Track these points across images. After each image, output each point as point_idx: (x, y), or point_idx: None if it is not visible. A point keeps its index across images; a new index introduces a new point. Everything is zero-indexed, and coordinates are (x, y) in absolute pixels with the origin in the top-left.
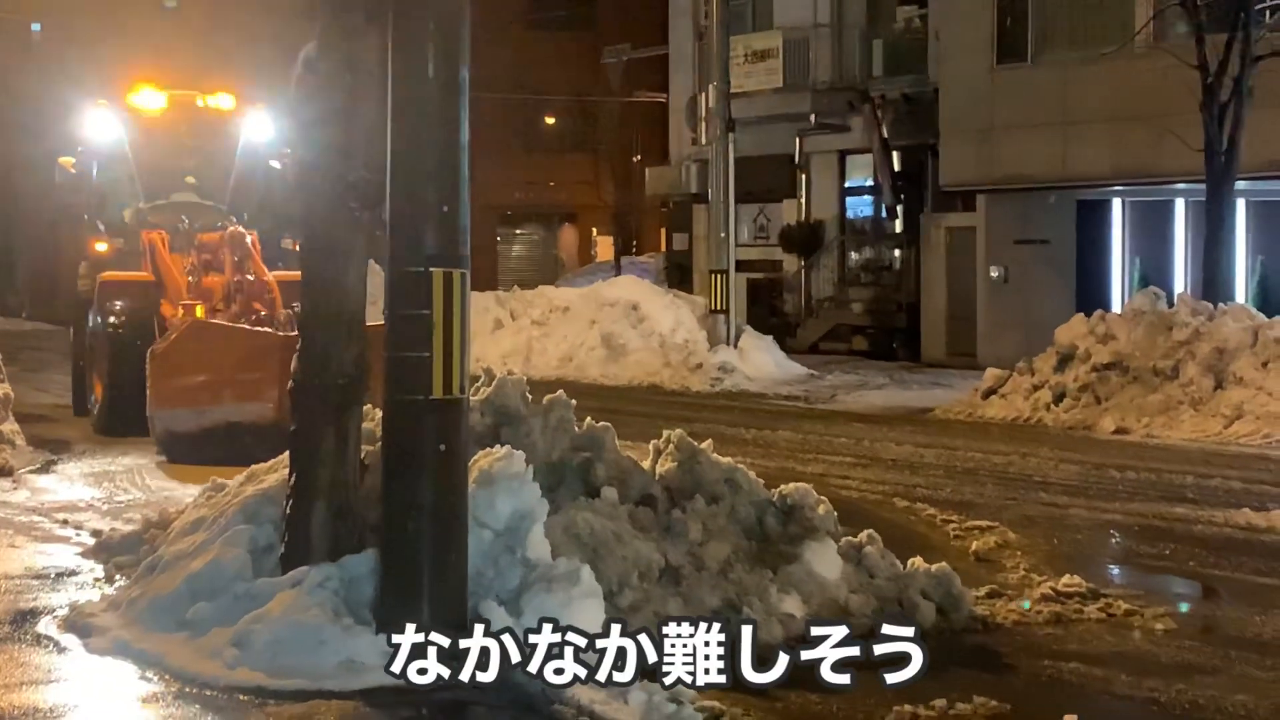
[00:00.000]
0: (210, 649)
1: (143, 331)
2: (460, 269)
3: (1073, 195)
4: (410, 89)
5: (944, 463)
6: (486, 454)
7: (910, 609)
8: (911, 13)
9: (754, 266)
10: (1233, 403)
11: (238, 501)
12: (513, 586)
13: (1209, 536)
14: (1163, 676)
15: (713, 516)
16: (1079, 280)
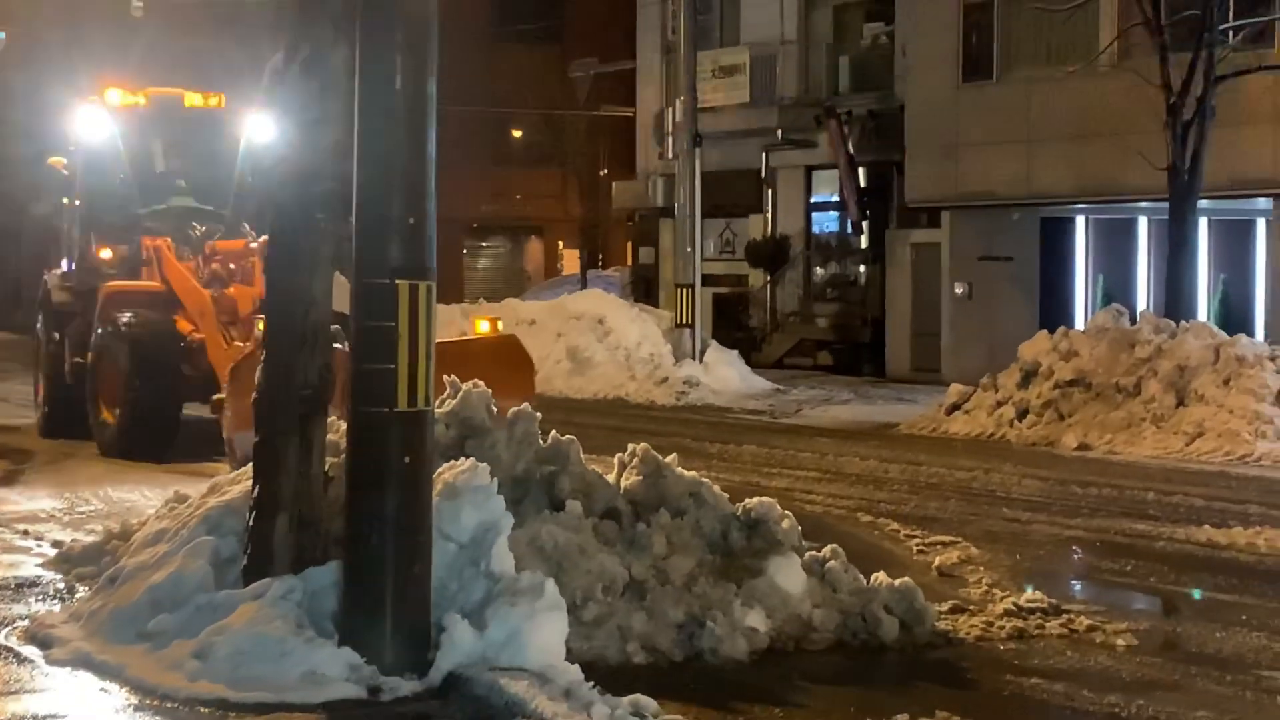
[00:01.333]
0: (172, 661)
1: (169, 346)
2: (426, 281)
3: (1037, 212)
4: (377, 101)
5: (908, 478)
6: (451, 466)
7: (873, 623)
8: (878, 29)
9: (720, 281)
10: (1194, 420)
11: (200, 513)
12: (477, 599)
13: (1170, 553)
14: (1124, 692)
15: (677, 530)
16: (1043, 297)
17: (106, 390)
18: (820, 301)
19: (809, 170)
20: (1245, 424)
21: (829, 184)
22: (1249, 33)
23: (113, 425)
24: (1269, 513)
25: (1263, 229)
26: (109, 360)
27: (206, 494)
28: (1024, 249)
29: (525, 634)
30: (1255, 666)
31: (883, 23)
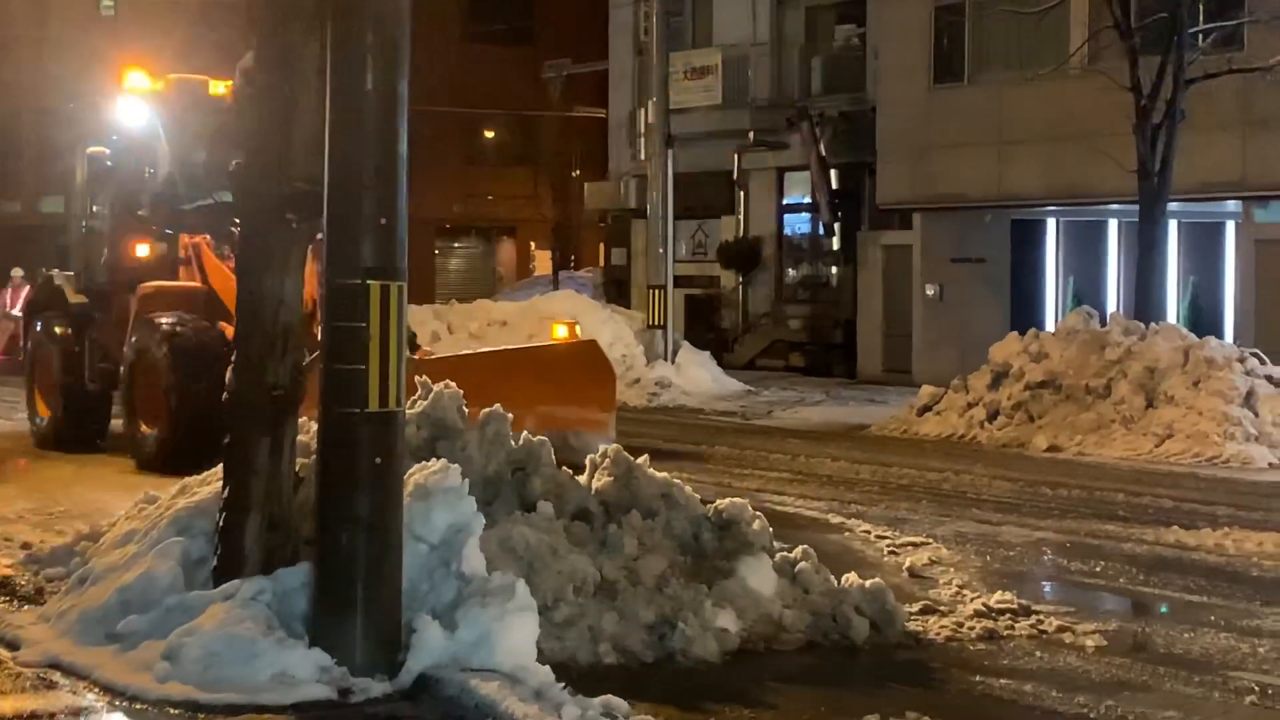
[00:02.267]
0: (141, 662)
1: (215, 351)
2: (398, 281)
3: (1008, 215)
4: (348, 101)
5: (879, 479)
6: (422, 468)
7: (844, 624)
8: (850, 32)
9: (692, 282)
10: (1164, 422)
11: (170, 514)
12: (448, 600)
13: (1140, 554)
14: (1093, 693)
15: (648, 531)
16: (1013, 299)
17: (144, 400)
18: (792, 303)
19: (781, 172)
20: (1214, 426)
21: (801, 186)
22: (1218, 36)
23: (153, 437)
24: (1237, 514)
25: (1232, 232)
26: (148, 367)
27: (176, 495)
28: (995, 251)
29: (496, 635)
30: (1223, 667)
31: (854, 25)
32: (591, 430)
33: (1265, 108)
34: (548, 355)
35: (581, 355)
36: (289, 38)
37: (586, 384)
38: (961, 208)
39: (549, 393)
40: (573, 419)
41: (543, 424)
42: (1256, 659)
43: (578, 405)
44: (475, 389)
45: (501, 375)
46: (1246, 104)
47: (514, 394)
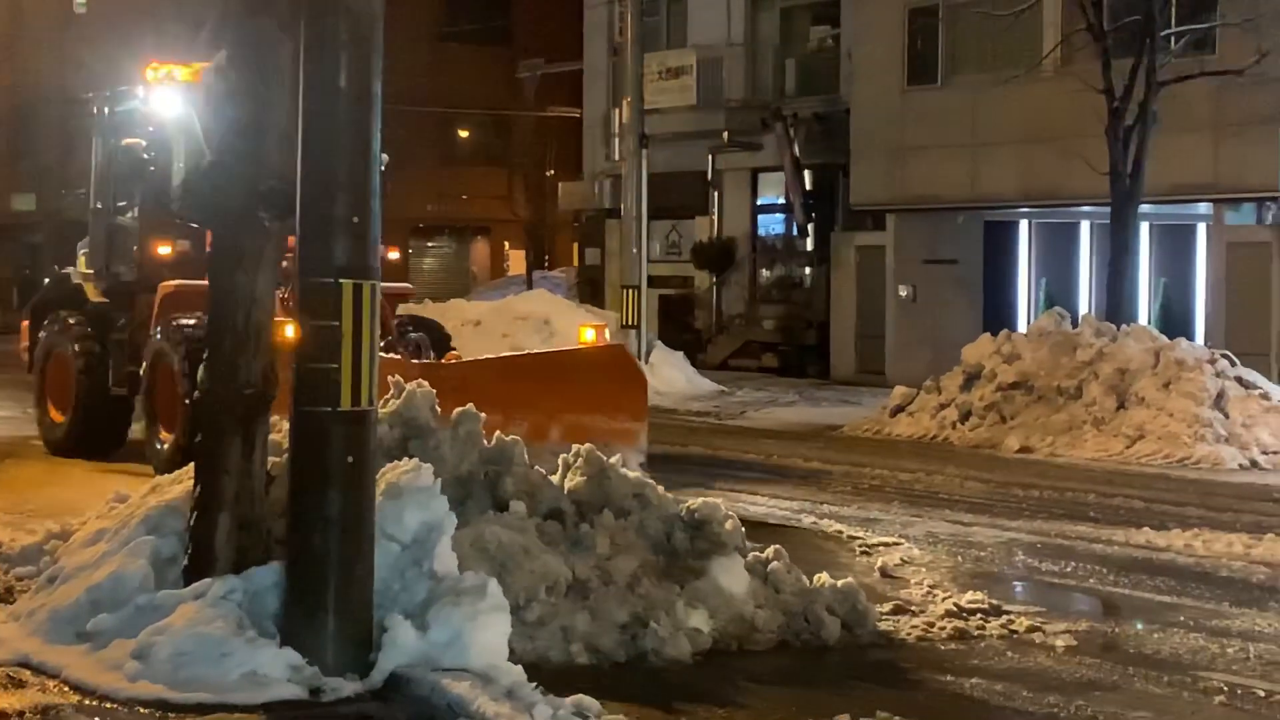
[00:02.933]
0: (111, 661)
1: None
2: (370, 280)
3: (981, 216)
4: (322, 100)
5: (851, 479)
6: (394, 467)
7: (816, 624)
8: (824, 33)
9: (666, 282)
10: (1135, 423)
11: (141, 512)
12: (419, 600)
13: (1110, 555)
14: (1063, 692)
15: (621, 531)
16: (986, 300)
17: (164, 405)
18: (766, 304)
19: (755, 173)
20: (1185, 427)
21: (775, 186)
22: (1191, 39)
23: (172, 443)
24: (1207, 515)
25: (1203, 234)
26: (167, 370)
27: (147, 494)
28: (968, 252)
29: (468, 634)
30: (1193, 667)
31: (829, 26)
32: (621, 442)
33: (1237, 111)
34: (574, 360)
35: (610, 360)
36: (262, 35)
37: (615, 391)
38: (935, 209)
39: (575, 401)
40: (601, 429)
41: (568, 434)
42: (1225, 659)
43: (606, 414)
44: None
45: (525, 381)
46: (1218, 107)
47: (538, 401)
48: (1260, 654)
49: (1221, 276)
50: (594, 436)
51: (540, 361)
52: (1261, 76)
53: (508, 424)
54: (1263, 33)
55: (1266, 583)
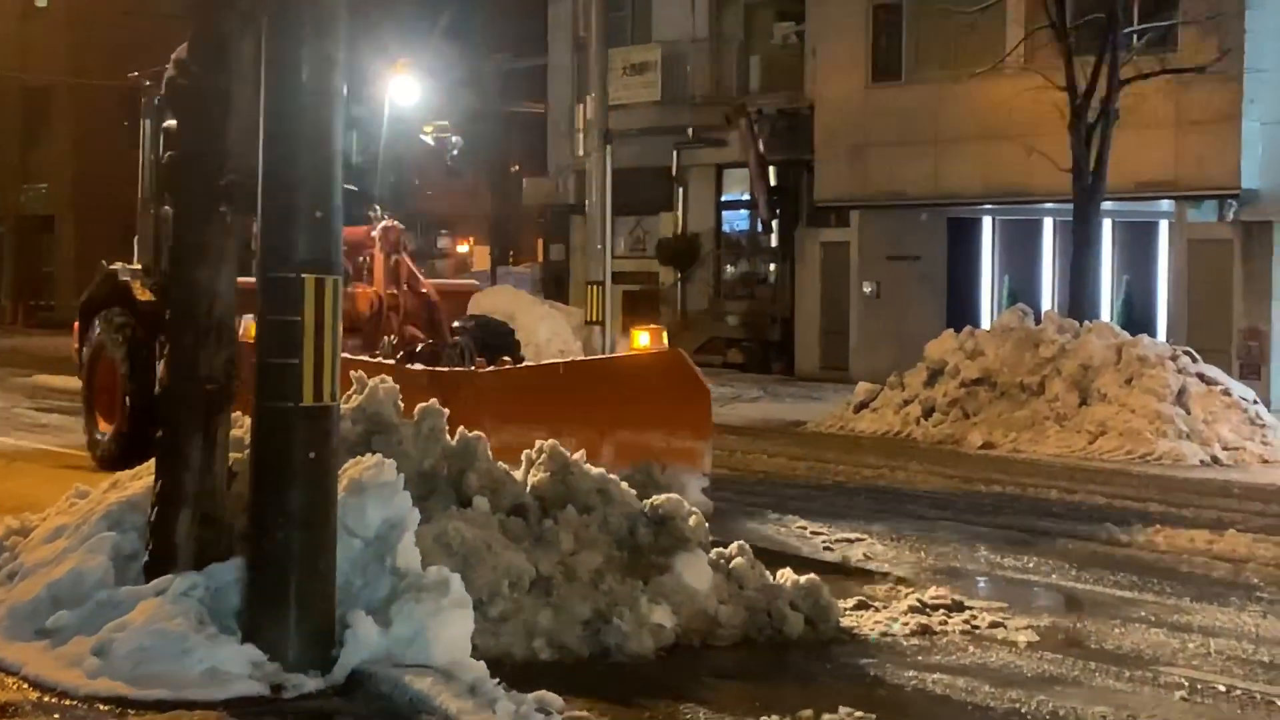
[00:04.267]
0: (71, 657)
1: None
2: (333, 275)
3: (944, 213)
4: (284, 94)
5: (815, 475)
6: (357, 462)
7: (779, 620)
8: (788, 29)
9: (631, 278)
10: (1097, 419)
11: (101, 508)
12: (382, 596)
13: (1072, 550)
14: (1025, 688)
15: (584, 527)
16: (949, 296)
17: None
18: (730, 300)
19: (720, 169)
20: (1146, 423)
21: (739, 183)
22: (1152, 37)
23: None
24: (1169, 511)
25: (1165, 231)
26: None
27: (108, 489)
28: (931, 249)
29: (430, 630)
30: (1154, 662)
31: (793, 22)
32: (682, 462)
33: (1198, 108)
34: (628, 368)
35: (669, 369)
36: (224, 30)
37: (676, 404)
38: (898, 206)
39: (630, 415)
40: (659, 448)
41: (622, 454)
42: (1186, 654)
43: (665, 431)
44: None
45: (573, 392)
46: (1180, 104)
47: (588, 415)
48: (1221, 649)
49: (1183, 273)
50: (651, 456)
51: (589, 370)
52: (1222, 74)
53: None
54: (1224, 30)
55: (1227, 578)
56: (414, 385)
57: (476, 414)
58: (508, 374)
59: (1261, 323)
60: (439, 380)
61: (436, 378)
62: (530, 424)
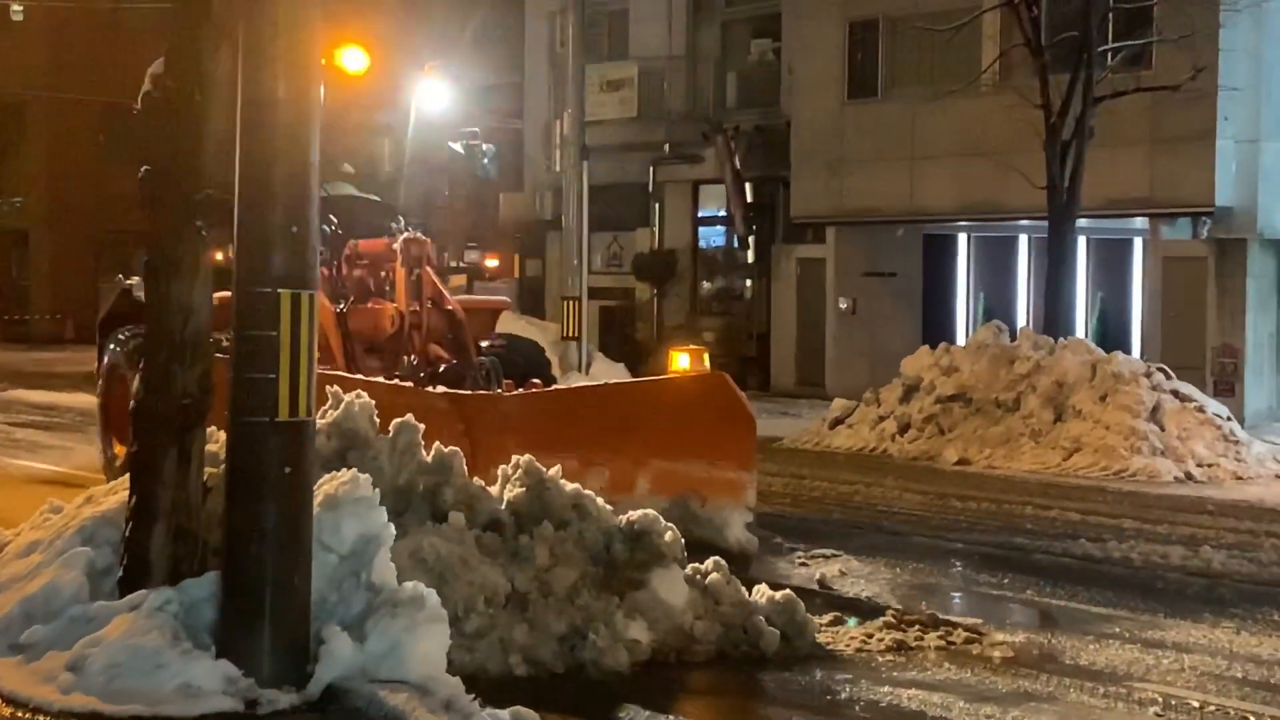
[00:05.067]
0: (45, 673)
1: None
2: (309, 290)
3: (920, 229)
4: (259, 108)
5: (791, 491)
6: (332, 478)
7: (755, 635)
8: (765, 46)
9: (607, 294)
10: (1071, 435)
11: (75, 523)
12: (357, 611)
13: (1047, 566)
14: (1000, 704)
15: (560, 542)
16: (925, 313)
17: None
18: (706, 315)
19: (696, 185)
20: (1121, 439)
21: (716, 199)
22: (1127, 55)
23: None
24: (1143, 527)
25: (1139, 248)
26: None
27: (82, 505)
28: (907, 265)
29: (406, 646)
30: (1128, 678)
31: (770, 40)
32: (723, 495)
33: (1172, 126)
34: (667, 393)
35: (711, 393)
36: (199, 44)
37: (718, 432)
38: (874, 222)
39: (669, 443)
40: (700, 480)
41: (659, 485)
42: (1160, 670)
43: (707, 461)
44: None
45: (606, 418)
46: (1154, 123)
47: (622, 444)
48: (1194, 665)
49: (1158, 290)
50: (690, 488)
51: (624, 394)
52: (1197, 92)
53: (585, 472)
54: (1198, 49)
55: (1201, 594)
56: (434, 409)
57: (500, 440)
58: (534, 398)
59: (1235, 340)
60: (460, 404)
61: (457, 401)
62: (558, 453)
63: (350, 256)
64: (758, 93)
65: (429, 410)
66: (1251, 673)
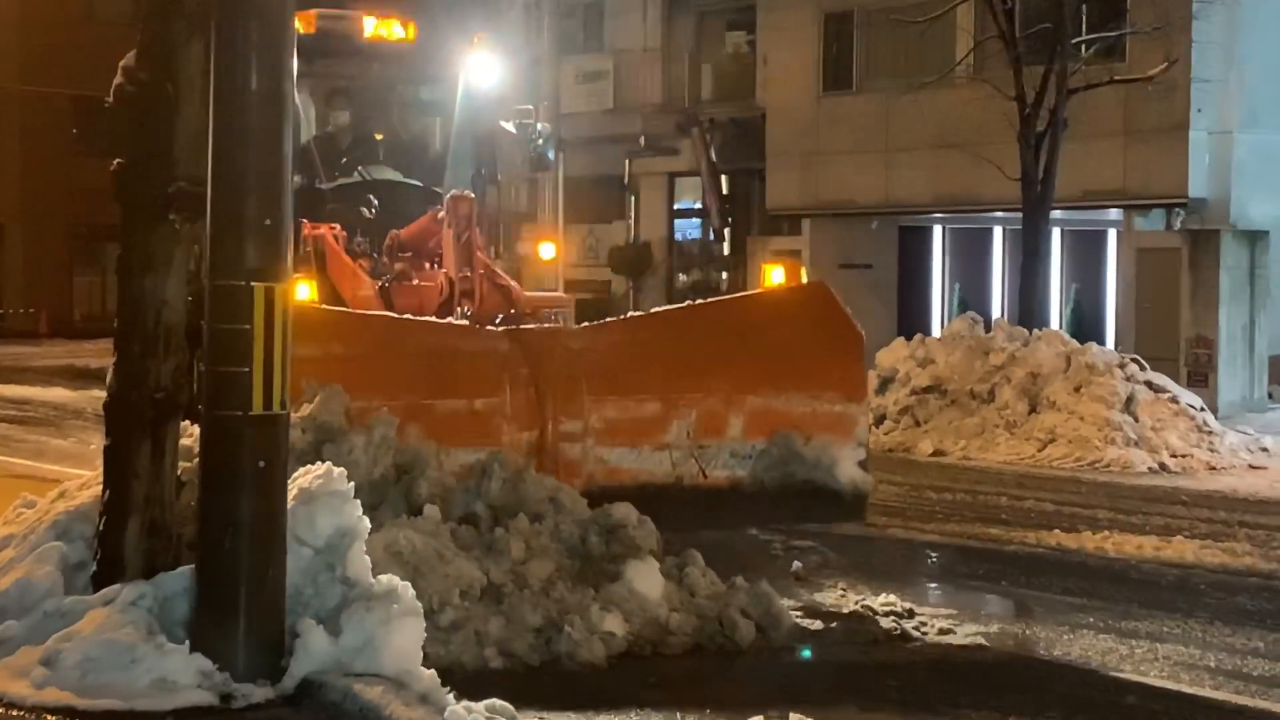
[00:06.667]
0: (18, 668)
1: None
2: (282, 283)
3: (895, 221)
4: (232, 101)
5: None
6: (307, 471)
7: (729, 627)
8: (740, 39)
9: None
10: (1046, 426)
11: (49, 518)
12: (332, 605)
13: (1021, 557)
14: (974, 694)
15: (536, 535)
16: (900, 304)
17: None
18: None
19: (672, 177)
20: (1095, 430)
21: (691, 191)
22: (1100, 47)
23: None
24: (1117, 517)
25: (1114, 239)
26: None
27: (55, 499)
28: (883, 257)
29: (381, 639)
30: (1103, 667)
31: (744, 32)
32: (830, 432)
33: (1146, 118)
34: (758, 310)
35: (809, 306)
36: (172, 36)
37: (821, 357)
38: (849, 214)
39: (766, 374)
40: (803, 415)
41: (754, 425)
42: (1135, 659)
43: (808, 392)
44: (650, 373)
45: (690, 348)
46: (1128, 114)
47: (709, 379)
48: (1168, 654)
49: (1132, 282)
50: (792, 425)
51: (709, 316)
52: (1170, 84)
53: (669, 417)
54: (1171, 41)
55: (1175, 584)
56: (494, 352)
57: (570, 386)
58: (606, 329)
59: (1209, 331)
60: (523, 343)
61: (520, 340)
62: (637, 394)
63: (391, 248)
64: (733, 85)
65: (488, 354)
66: (1225, 662)
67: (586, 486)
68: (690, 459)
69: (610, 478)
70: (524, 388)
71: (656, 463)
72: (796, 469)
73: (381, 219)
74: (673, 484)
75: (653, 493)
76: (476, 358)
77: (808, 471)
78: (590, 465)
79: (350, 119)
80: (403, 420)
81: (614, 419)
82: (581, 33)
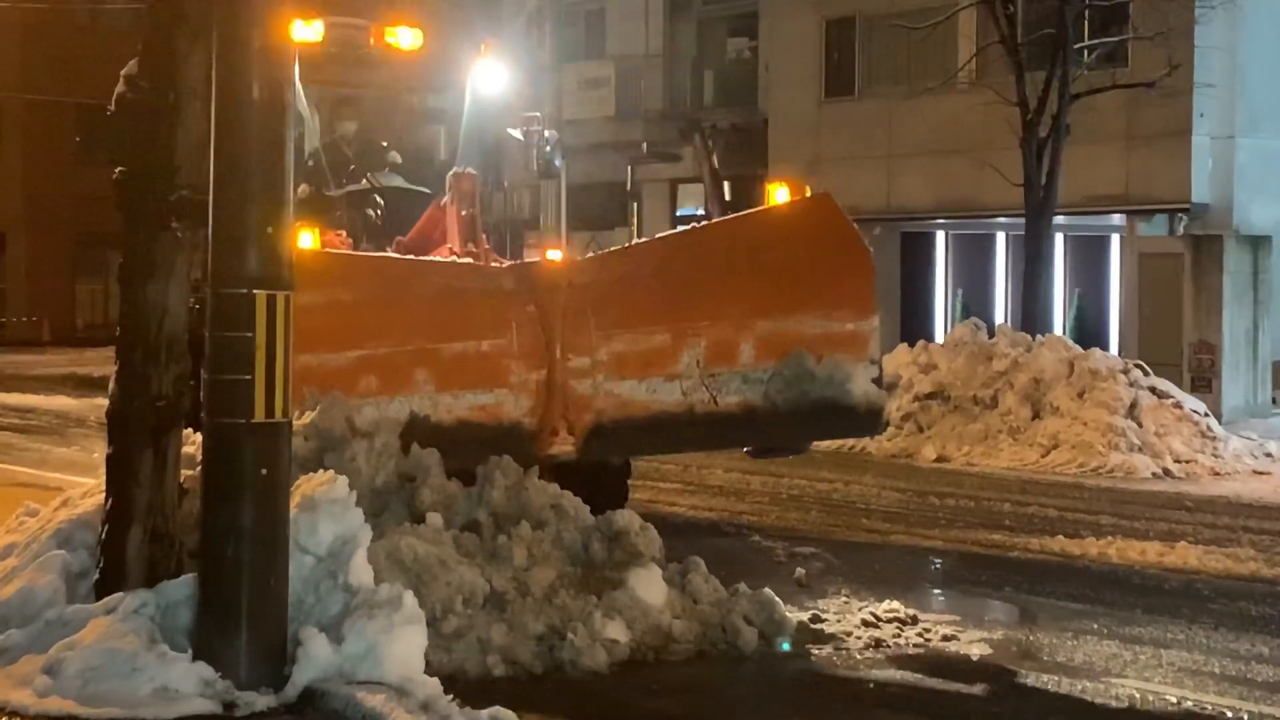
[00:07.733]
0: (21, 677)
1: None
2: (284, 291)
3: (898, 227)
4: (234, 110)
5: (769, 489)
6: (309, 479)
7: (733, 634)
8: (742, 45)
9: None
10: (1049, 432)
11: (51, 526)
12: (334, 613)
13: (1025, 563)
14: (978, 701)
15: (538, 542)
16: (903, 310)
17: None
18: None
19: (674, 184)
20: (1099, 436)
21: (694, 197)
22: (1103, 52)
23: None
24: (1121, 523)
25: (1116, 245)
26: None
27: (58, 508)
28: (885, 263)
29: (383, 647)
30: (1106, 674)
31: (746, 38)
32: (842, 350)
33: (1148, 123)
34: (762, 228)
35: (814, 219)
36: (174, 45)
37: (828, 272)
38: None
39: (771, 294)
40: (810, 336)
41: (764, 350)
42: (1138, 666)
43: (816, 310)
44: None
45: (697, 273)
46: (1130, 119)
47: (718, 305)
48: (1172, 661)
49: (1134, 287)
50: (803, 345)
51: (714, 239)
52: (1172, 89)
53: (679, 347)
54: (1173, 46)
55: (1178, 590)
56: (499, 291)
57: (579, 321)
58: (613, 259)
59: (1212, 336)
60: (528, 279)
61: (525, 276)
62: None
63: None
64: (735, 91)
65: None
66: (1228, 668)
67: (598, 421)
68: (701, 387)
69: (621, 411)
70: (531, 325)
71: (667, 393)
72: (810, 388)
73: (389, 225)
74: (684, 413)
75: (665, 422)
76: (482, 297)
77: (820, 390)
78: (600, 400)
79: (358, 127)
80: (411, 366)
81: (622, 352)
82: (584, 39)
